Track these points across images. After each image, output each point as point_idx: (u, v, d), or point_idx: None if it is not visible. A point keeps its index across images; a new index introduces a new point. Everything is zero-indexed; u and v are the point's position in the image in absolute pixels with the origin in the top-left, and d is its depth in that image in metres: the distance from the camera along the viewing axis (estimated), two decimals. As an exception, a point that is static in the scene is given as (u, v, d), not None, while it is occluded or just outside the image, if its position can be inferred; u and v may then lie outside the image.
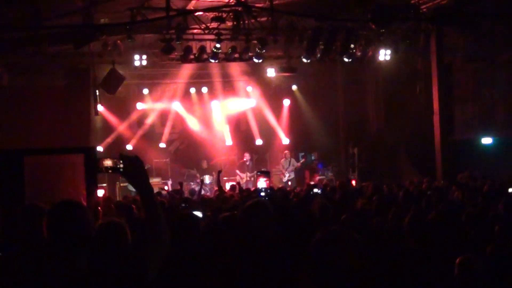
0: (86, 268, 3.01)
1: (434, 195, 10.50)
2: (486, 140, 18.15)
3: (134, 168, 3.17)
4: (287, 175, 20.24)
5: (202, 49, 16.57)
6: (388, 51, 17.86)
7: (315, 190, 12.10)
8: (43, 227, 3.07)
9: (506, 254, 5.64)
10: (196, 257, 4.51)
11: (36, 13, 13.73)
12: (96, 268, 3.07)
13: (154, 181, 18.97)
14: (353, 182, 17.48)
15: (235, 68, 20.55)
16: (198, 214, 6.37)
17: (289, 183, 19.79)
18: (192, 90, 21.45)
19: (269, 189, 10.11)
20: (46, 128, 16.44)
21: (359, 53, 17.65)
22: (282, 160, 20.82)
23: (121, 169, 3.17)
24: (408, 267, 5.45)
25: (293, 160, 20.66)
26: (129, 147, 20.14)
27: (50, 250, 3.06)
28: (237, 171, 20.18)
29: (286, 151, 21.00)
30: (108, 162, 3.19)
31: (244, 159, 20.37)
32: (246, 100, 22.02)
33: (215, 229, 6.75)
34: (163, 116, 21.50)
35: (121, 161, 3.17)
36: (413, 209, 8.12)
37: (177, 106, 21.36)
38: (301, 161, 20.83)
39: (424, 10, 16.05)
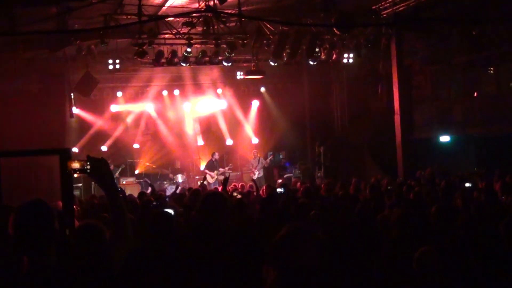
0: (55, 265, 3.06)
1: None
2: (444, 138, 18.82)
3: (100, 169, 3.30)
4: (256, 173, 20.58)
5: (174, 53, 16.75)
6: (351, 54, 18.25)
7: (278, 190, 12.62)
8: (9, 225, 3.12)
9: (467, 247, 5.75)
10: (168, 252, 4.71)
11: (12, 19, 13.82)
12: (63, 264, 3.13)
13: (129, 180, 19.37)
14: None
15: (206, 71, 20.94)
16: (170, 211, 6.89)
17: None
18: (165, 92, 21.73)
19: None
20: (22, 131, 16.48)
21: (323, 56, 17.97)
22: (251, 159, 21.25)
23: (88, 171, 3.29)
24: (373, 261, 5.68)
25: (261, 158, 21.06)
26: (104, 148, 20.41)
27: (16, 247, 3.09)
28: (206, 171, 20.36)
29: (255, 150, 21.38)
30: (75, 165, 3.31)
31: (212, 158, 20.70)
32: (217, 102, 22.38)
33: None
34: (137, 117, 21.74)
35: (88, 163, 3.29)
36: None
37: (150, 108, 21.68)
38: (269, 159, 21.32)
39: (385, 15, 16.41)
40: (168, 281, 4.11)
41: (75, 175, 3.51)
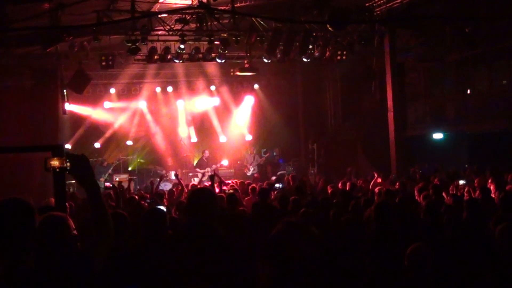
0: (34, 266, 2.95)
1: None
2: (437, 136, 18.88)
3: (80, 166, 3.20)
4: (251, 169, 20.70)
5: (167, 50, 16.69)
6: (345, 52, 18.12)
7: (277, 185, 12.65)
8: None
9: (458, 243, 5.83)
10: (162, 247, 4.51)
11: (4, 15, 13.75)
12: (43, 265, 3.00)
13: (122, 177, 19.33)
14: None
15: (199, 68, 20.86)
16: (163, 208, 6.78)
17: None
18: (158, 89, 21.73)
19: None
20: (15, 127, 16.48)
21: (317, 54, 17.90)
22: (247, 155, 21.31)
23: (68, 168, 3.19)
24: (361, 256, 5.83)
25: (257, 155, 21.14)
26: (97, 144, 20.42)
27: None
28: (197, 169, 20.31)
29: (250, 147, 21.48)
30: (55, 162, 3.25)
31: (203, 157, 20.65)
32: (210, 99, 22.37)
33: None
34: (130, 114, 21.70)
35: (67, 160, 3.20)
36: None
37: (143, 105, 21.67)
38: (264, 156, 21.35)
39: (378, 12, 16.42)
40: (151, 281, 4.10)
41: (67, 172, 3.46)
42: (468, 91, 18.80)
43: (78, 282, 2.96)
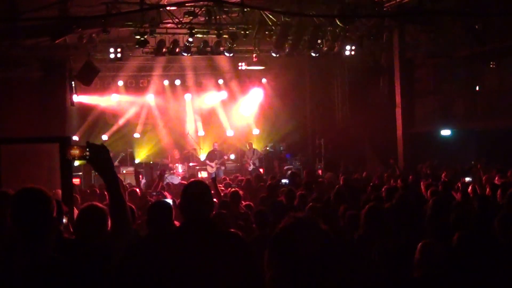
0: (52, 255, 2.98)
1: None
2: (445, 132, 18.80)
3: (100, 156, 3.22)
4: (251, 164, 20.87)
5: (175, 43, 16.67)
6: (353, 47, 17.98)
7: (283, 180, 12.63)
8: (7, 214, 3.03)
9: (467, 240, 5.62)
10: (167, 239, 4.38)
11: (13, 6, 13.76)
12: (62, 254, 3.01)
13: (128, 169, 19.38)
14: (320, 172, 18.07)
15: (208, 62, 20.84)
16: (169, 201, 6.85)
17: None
18: (166, 82, 21.73)
19: None
20: (23, 118, 16.53)
21: (325, 48, 17.79)
22: (247, 150, 21.38)
23: (88, 157, 3.20)
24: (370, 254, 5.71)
25: (256, 150, 21.23)
26: (104, 137, 20.45)
27: (15, 237, 3.00)
28: (207, 161, 20.53)
29: (250, 142, 21.53)
30: (75, 151, 3.21)
31: (214, 149, 20.76)
32: (218, 93, 22.38)
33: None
34: (137, 107, 21.76)
35: (88, 150, 3.20)
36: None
37: (150, 98, 21.70)
38: (263, 149, 21.41)
39: (388, 7, 16.17)
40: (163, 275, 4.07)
41: (76, 163, 3.47)
42: (477, 88, 18.72)
43: (96, 273, 2.99)
